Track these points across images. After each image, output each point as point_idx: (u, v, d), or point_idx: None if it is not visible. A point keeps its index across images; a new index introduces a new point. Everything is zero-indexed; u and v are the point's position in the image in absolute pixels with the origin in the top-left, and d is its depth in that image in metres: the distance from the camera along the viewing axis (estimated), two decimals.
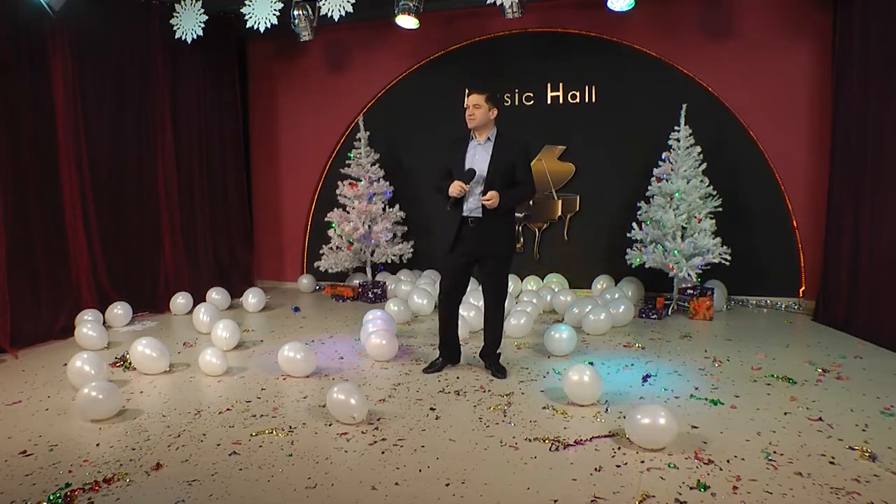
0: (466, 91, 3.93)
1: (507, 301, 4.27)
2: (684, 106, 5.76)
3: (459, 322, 4.86)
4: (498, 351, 4.18)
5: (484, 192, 3.82)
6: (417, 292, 5.96)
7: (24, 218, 5.25)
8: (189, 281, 6.64)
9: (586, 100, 6.58)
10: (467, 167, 3.87)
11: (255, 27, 5.88)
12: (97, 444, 3.09)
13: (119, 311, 5.71)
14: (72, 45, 5.58)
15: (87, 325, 4.94)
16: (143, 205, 6.37)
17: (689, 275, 5.58)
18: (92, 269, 5.77)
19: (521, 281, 6.71)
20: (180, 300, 6.24)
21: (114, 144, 6.08)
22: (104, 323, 5.53)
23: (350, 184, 6.93)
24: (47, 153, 5.46)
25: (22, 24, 5.17)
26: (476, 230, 3.89)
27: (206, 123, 6.99)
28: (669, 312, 5.83)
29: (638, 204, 6.07)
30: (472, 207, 3.88)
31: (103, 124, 5.98)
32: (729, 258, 5.60)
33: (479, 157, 3.90)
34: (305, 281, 7.47)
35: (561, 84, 6.64)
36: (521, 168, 3.91)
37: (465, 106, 3.91)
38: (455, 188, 3.80)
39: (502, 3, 5.39)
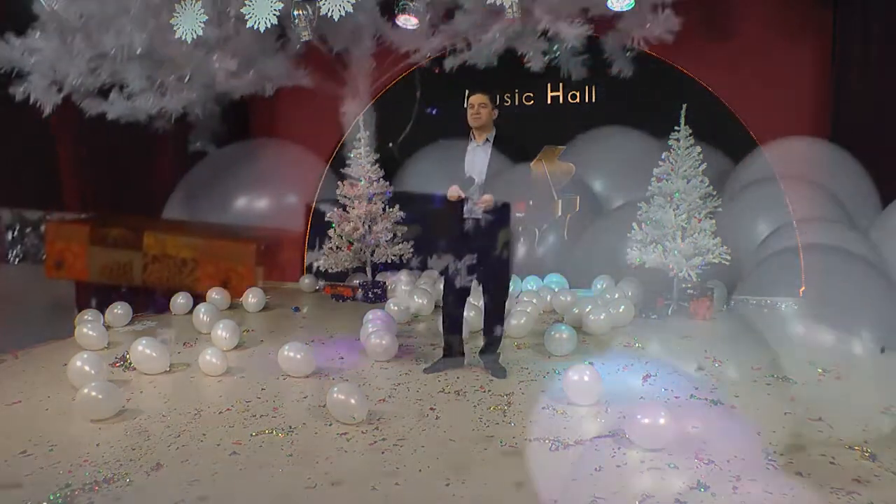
0: (467, 92, 3.96)
1: (507, 301, 4.28)
2: (684, 106, 5.75)
3: None
4: (498, 351, 4.18)
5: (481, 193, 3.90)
6: (417, 292, 5.95)
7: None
8: None
9: (586, 100, 6.57)
10: (467, 170, 3.95)
11: (255, 27, 5.88)
12: (97, 444, 3.08)
13: (119, 311, 5.70)
14: None
15: (87, 325, 4.93)
16: (142, 205, 6.36)
17: (689, 275, 5.57)
18: None
19: (521, 281, 6.71)
20: (180, 300, 6.23)
21: (113, 144, 6.07)
22: (104, 323, 5.53)
23: (350, 184, 6.93)
24: (47, 153, 5.45)
25: None
26: (475, 229, 3.95)
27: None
28: (669, 312, 5.82)
29: (638, 204, 6.06)
30: (471, 209, 3.96)
31: (103, 124, 5.97)
32: (729, 258, 5.59)
33: (478, 158, 3.95)
34: (307, 280, 7.48)
35: (561, 84, 6.63)
36: None
37: (468, 104, 3.93)
38: (452, 193, 3.87)
39: (502, 3, 5.38)
